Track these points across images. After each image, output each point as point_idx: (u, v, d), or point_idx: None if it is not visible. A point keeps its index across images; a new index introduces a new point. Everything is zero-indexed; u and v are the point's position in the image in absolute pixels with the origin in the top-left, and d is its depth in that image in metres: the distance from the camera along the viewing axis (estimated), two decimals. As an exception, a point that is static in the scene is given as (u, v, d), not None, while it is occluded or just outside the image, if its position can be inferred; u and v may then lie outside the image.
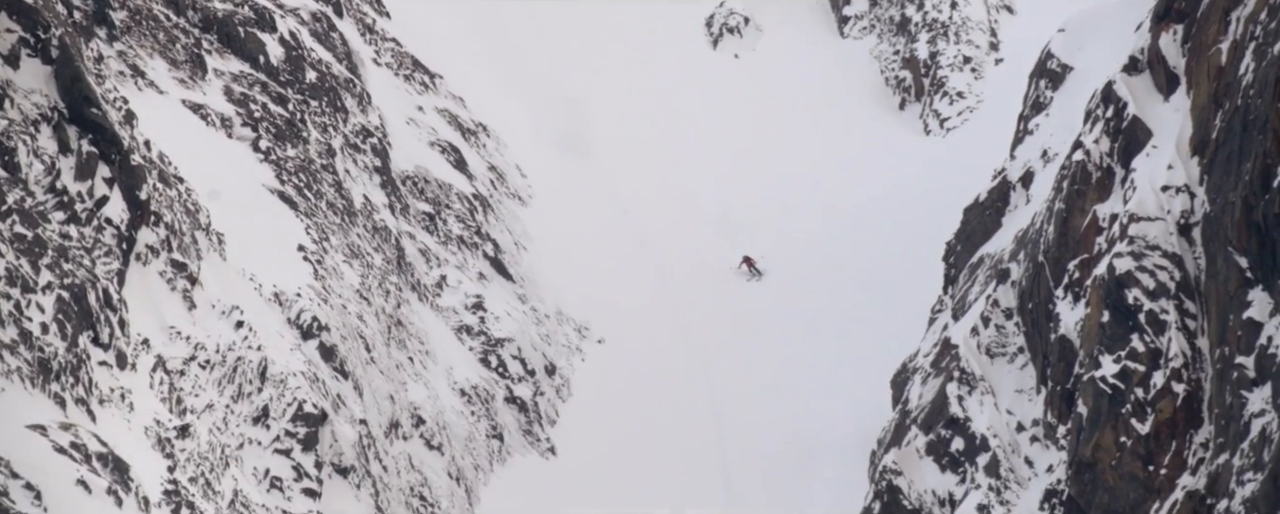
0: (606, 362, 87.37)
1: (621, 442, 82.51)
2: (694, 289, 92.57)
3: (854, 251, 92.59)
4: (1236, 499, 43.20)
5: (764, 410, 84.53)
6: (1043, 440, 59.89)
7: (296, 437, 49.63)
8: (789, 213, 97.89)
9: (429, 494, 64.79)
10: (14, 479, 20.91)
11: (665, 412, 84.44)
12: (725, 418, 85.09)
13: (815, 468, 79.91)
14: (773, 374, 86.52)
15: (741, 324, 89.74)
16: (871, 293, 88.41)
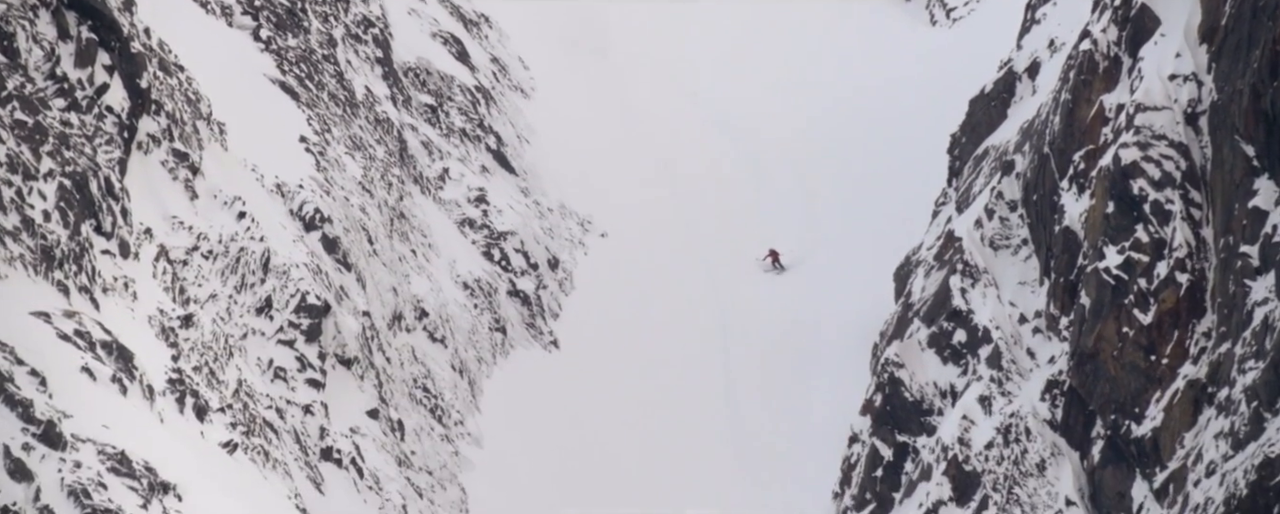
0: (609, 255, 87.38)
1: (624, 335, 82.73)
2: (697, 183, 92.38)
3: (857, 144, 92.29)
4: (1237, 387, 43.37)
5: (766, 304, 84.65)
6: (1045, 332, 60.02)
7: (300, 328, 49.72)
8: (793, 106, 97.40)
9: (432, 386, 65.07)
10: (18, 366, 20.91)
11: (667, 305, 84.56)
12: (727, 312, 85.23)
13: (817, 361, 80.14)
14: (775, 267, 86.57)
15: (744, 219, 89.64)
16: (875, 186, 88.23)
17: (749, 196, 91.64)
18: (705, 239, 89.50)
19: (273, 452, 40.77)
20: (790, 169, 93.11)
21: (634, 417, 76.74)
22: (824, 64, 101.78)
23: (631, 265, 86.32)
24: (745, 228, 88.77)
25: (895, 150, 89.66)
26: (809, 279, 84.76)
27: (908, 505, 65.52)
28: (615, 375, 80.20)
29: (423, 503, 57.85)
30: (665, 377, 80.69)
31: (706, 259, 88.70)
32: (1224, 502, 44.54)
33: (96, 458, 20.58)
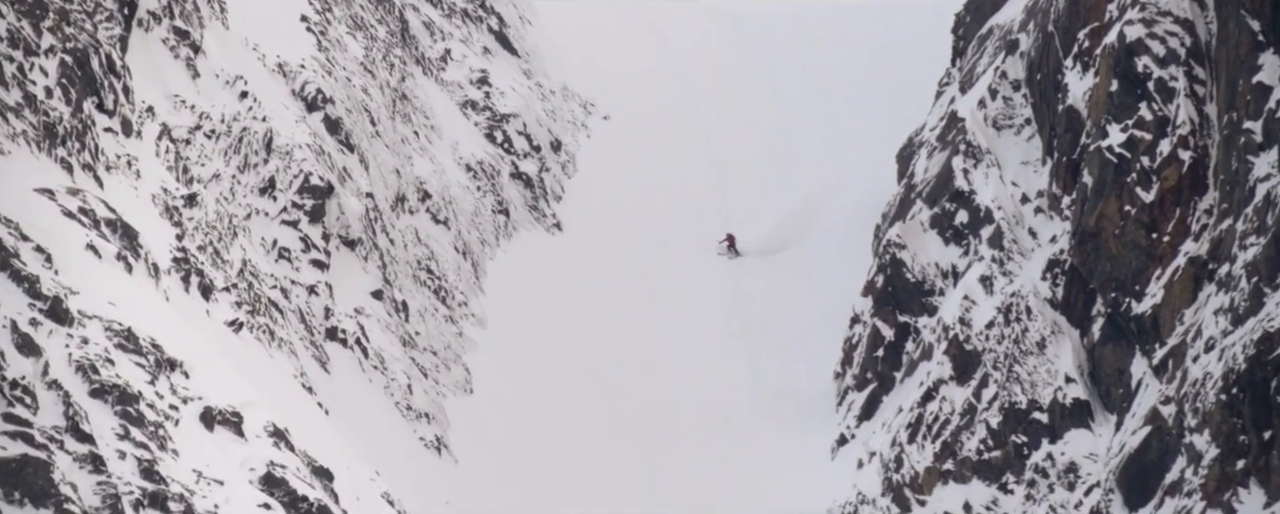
0: (612, 137, 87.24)
1: (626, 217, 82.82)
2: (699, 64, 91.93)
3: (861, 23, 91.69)
4: (1238, 263, 43.50)
5: (768, 187, 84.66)
6: (1047, 211, 60.07)
7: (303, 208, 49.82)
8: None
9: (436, 267, 65.29)
10: (24, 242, 20.97)
11: (670, 187, 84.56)
12: (730, 194, 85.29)
13: (819, 242, 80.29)
14: (778, 150, 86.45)
15: (747, 99, 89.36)
16: (878, 67, 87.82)
17: (752, 79, 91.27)
18: (708, 122, 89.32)
19: (278, 331, 41.04)
20: (793, 51, 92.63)
21: (636, 298, 77.05)
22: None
23: (635, 147, 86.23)
24: (748, 111, 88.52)
25: (899, 31, 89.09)
26: (812, 161, 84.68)
27: (908, 385, 65.97)
28: (617, 257, 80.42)
29: (427, 383, 58.31)
30: (667, 258, 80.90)
31: (709, 142, 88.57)
32: (1222, 376, 44.84)
33: (103, 334, 20.73)
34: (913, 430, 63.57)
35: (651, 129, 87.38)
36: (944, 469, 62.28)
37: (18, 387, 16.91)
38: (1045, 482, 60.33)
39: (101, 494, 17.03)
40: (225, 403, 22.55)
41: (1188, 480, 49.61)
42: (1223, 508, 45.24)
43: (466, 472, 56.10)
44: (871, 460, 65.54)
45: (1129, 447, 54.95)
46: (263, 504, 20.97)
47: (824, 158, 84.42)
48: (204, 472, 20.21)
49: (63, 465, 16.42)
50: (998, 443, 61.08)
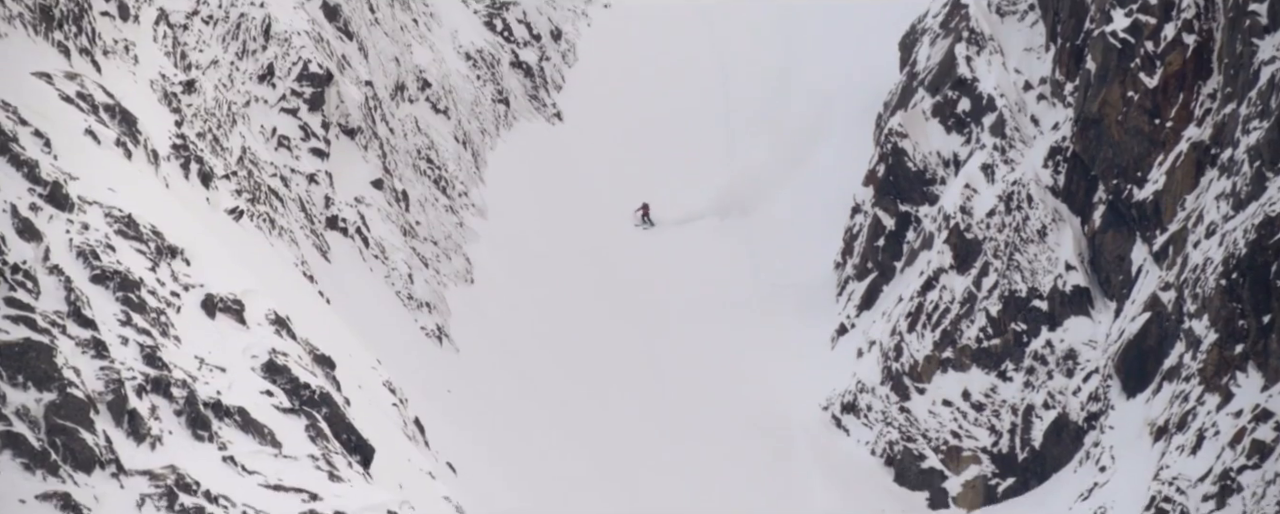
0: (612, 26, 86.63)
1: (627, 106, 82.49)
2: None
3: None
4: (1240, 147, 43.37)
5: (770, 73, 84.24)
6: (1049, 98, 59.84)
7: (302, 96, 49.58)
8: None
9: (436, 157, 65.12)
10: (22, 126, 20.82)
11: (671, 76, 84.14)
12: (731, 83, 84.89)
13: (820, 132, 80.00)
14: (779, 38, 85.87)
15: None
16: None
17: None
18: (709, 9, 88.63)
19: (278, 219, 41.00)
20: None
21: (636, 188, 76.96)
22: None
23: (635, 36, 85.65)
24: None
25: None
26: (813, 48, 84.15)
27: (908, 274, 66.07)
28: (618, 147, 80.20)
29: (428, 272, 58.39)
30: (668, 149, 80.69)
31: (710, 30, 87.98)
32: (1223, 261, 44.93)
33: (103, 220, 20.64)
34: (912, 319, 63.77)
35: (652, 17, 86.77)
36: (943, 357, 62.56)
37: (19, 271, 16.86)
38: (1044, 369, 60.63)
39: (104, 379, 17.06)
40: (226, 290, 22.50)
41: (1186, 366, 49.87)
42: (1220, 392, 45.51)
43: (467, 360, 56.35)
44: (871, 349, 65.83)
45: (1128, 333, 55.19)
46: (265, 391, 21.03)
47: (825, 45, 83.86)
48: (206, 358, 20.23)
49: (65, 350, 16.44)
50: (997, 331, 61.29)
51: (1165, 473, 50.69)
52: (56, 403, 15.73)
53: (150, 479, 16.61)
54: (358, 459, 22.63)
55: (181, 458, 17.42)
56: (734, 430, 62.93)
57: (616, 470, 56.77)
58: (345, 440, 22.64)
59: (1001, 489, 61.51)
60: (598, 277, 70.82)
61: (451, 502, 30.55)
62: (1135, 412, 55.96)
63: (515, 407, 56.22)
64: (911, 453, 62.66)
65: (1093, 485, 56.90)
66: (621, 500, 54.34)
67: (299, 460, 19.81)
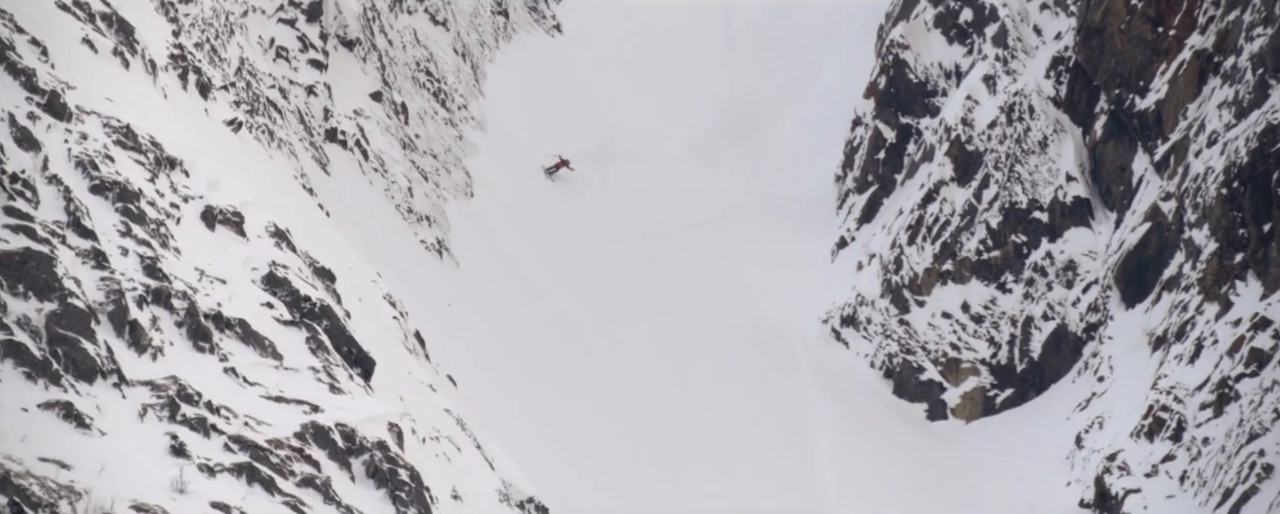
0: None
1: (625, 18, 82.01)
2: None
3: None
4: (1243, 55, 43.13)
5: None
6: (1052, 8, 59.46)
7: (300, 6, 49.21)
8: None
9: (435, 70, 64.76)
10: (19, 34, 20.61)
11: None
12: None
13: (821, 45, 79.64)
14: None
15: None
16: None
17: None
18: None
19: (277, 131, 40.81)
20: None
21: (635, 99, 76.70)
22: None
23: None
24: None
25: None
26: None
27: (909, 187, 66.01)
28: (617, 59, 79.82)
29: (427, 186, 58.26)
30: (667, 60, 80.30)
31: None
32: (1224, 170, 44.83)
33: (102, 130, 20.49)
34: (913, 232, 63.76)
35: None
36: (943, 270, 62.62)
37: (18, 180, 16.76)
38: (1043, 280, 60.70)
39: (105, 290, 17.02)
40: (226, 202, 22.39)
41: (1186, 275, 49.91)
42: (1219, 301, 45.57)
43: (467, 274, 56.37)
44: (871, 262, 65.93)
45: (1128, 243, 55.23)
46: (265, 303, 20.97)
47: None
48: (206, 270, 20.16)
49: (65, 260, 16.37)
50: (997, 243, 61.30)
51: (1163, 382, 50.92)
52: (57, 313, 15.67)
53: (152, 390, 16.61)
54: (358, 372, 22.65)
55: (183, 369, 17.41)
56: (734, 344, 63.15)
57: (616, 383, 57.00)
58: (346, 353, 22.65)
59: (1000, 400, 61.80)
60: (598, 190, 70.73)
61: (452, 414, 30.63)
62: (1134, 322, 56.13)
63: (515, 320, 56.33)
64: (910, 365, 62.90)
65: (1090, 396, 57.21)
66: (621, 413, 54.61)
67: (300, 373, 19.82)
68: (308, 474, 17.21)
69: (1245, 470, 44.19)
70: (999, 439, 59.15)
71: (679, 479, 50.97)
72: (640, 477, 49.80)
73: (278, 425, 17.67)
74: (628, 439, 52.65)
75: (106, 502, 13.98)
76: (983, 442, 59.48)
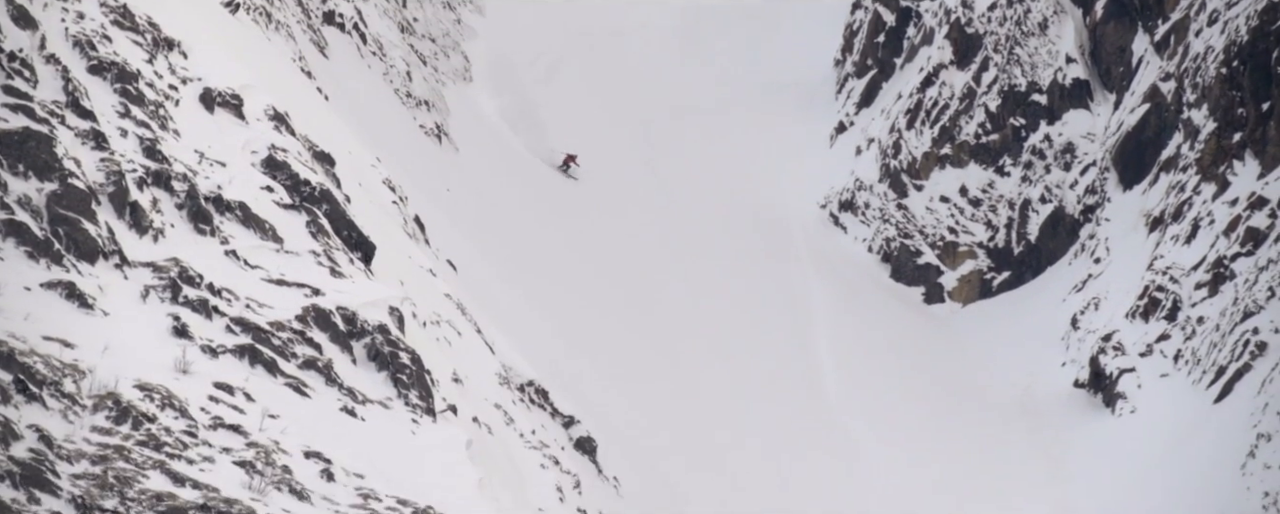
0: None
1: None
2: None
3: None
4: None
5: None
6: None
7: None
8: None
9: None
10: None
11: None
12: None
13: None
14: None
15: None
16: None
17: None
18: None
19: (275, 14, 40.49)
20: None
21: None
22: None
23: None
24: None
25: None
26: None
27: (908, 70, 65.77)
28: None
29: (426, 70, 58.03)
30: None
31: None
32: (1223, 49, 44.67)
33: (99, 10, 20.38)
34: (911, 116, 63.61)
35: None
36: (941, 154, 62.55)
37: (15, 59, 16.70)
38: (1042, 163, 60.67)
39: (105, 171, 17.04)
40: (224, 85, 22.32)
41: (1184, 156, 49.89)
42: (1217, 181, 45.61)
43: (466, 159, 56.29)
44: (869, 147, 65.84)
45: (1126, 124, 55.12)
46: (265, 187, 20.98)
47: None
48: (206, 153, 20.16)
49: (65, 140, 16.38)
50: (996, 126, 61.17)
51: (1159, 263, 51.10)
52: (58, 193, 15.71)
53: (154, 271, 16.69)
54: (359, 256, 22.73)
55: (184, 251, 17.49)
56: (732, 229, 63.26)
57: (615, 267, 57.17)
58: (346, 237, 22.71)
59: (996, 283, 62.04)
60: (596, 73, 70.45)
61: (452, 299, 30.78)
62: (1131, 203, 56.19)
63: (514, 205, 56.37)
64: (908, 249, 63.05)
65: (1087, 277, 57.45)
66: (620, 297, 54.81)
67: (300, 256, 19.89)
68: (310, 357, 17.36)
69: (1239, 348, 44.52)
70: (995, 322, 59.45)
71: (678, 363, 51.32)
72: (640, 361, 50.12)
73: (279, 308, 17.80)
74: (627, 324, 52.90)
75: (110, 381, 14.12)
76: (979, 324, 59.78)
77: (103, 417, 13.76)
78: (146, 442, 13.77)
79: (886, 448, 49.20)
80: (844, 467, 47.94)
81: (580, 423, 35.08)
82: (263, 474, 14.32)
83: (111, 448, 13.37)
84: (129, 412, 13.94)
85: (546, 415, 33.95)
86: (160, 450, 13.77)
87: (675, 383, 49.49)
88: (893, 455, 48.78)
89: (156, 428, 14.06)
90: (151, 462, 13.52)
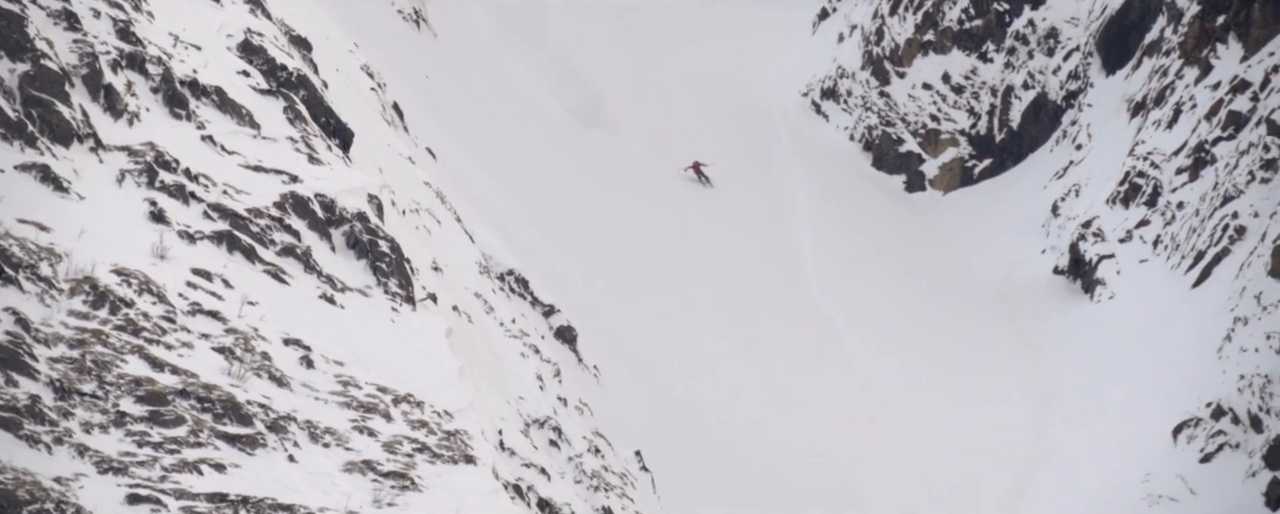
0: None
1: None
2: None
3: None
4: None
5: None
6: None
7: None
8: None
9: None
10: None
11: None
12: None
13: None
14: None
15: None
16: None
17: None
18: None
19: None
20: None
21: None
22: None
23: None
24: None
25: None
26: None
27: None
28: None
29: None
30: None
31: None
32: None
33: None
34: (894, 2, 63.16)
35: None
36: (924, 40, 62.22)
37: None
38: (1025, 48, 60.41)
39: (78, 52, 16.79)
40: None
41: (1167, 40, 49.72)
42: (1200, 65, 45.46)
43: (445, 46, 55.80)
44: (852, 34, 65.45)
45: (1110, 8, 54.86)
46: (241, 71, 20.76)
47: None
48: (180, 36, 19.88)
49: (36, 20, 16.10)
50: (979, 11, 60.80)
51: (1140, 148, 51.09)
52: (31, 74, 15.47)
53: (129, 155, 16.51)
54: (336, 143, 22.55)
55: (159, 135, 17.30)
56: (713, 117, 63.02)
57: (593, 156, 56.95)
58: (324, 124, 22.52)
59: (978, 171, 62.03)
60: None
61: (432, 187, 30.62)
62: (1114, 88, 56.08)
63: (493, 92, 55.98)
64: (890, 137, 62.92)
65: (1068, 164, 57.45)
66: (598, 187, 54.66)
67: (278, 142, 19.72)
68: (288, 244, 17.25)
69: (1218, 233, 44.64)
70: (976, 209, 59.52)
71: (659, 253, 51.31)
72: (620, 251, 50.09)
73: (257, 194, 17.65)
74: (608, 214, 52.81)
75: (87, 265, 14.02)
76: (960, 213, 59.84)
77: (80, 301, 13.69)
78: (124, 326, 13.71)
79: (867, 336, 49.40)
80: (823, 353, 48.15)
81: (560, 312, 35.10)
82: (242, 360, 14.29)
83: (89, 332, 13.31)
84: (106, 296, 13.86)
85: (526, 304, 33.95)
86: (138, 335, 13.72)
87: (658, 273, 49.52)
88: (873, 343, 48.98)
89: (134, 313, 13.99)
90: (130, 346, 13.47)
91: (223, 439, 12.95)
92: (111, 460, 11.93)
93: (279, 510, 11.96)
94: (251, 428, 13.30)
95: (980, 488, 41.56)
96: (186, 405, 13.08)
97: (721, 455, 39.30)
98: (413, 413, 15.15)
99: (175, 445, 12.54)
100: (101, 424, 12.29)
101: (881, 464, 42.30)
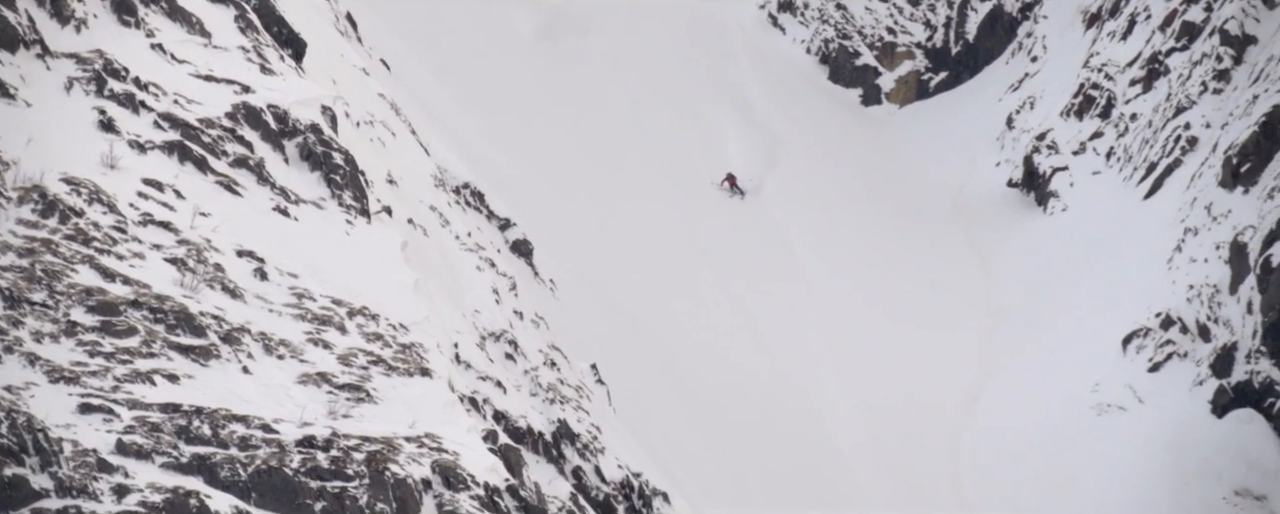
0: None
1: None
2: None
3: None
4: None
5: None
6: None
7: None
8: None
9: None
10: None
11: None
12: None
13: None
14: None
15: None
16: None
17: None
18: None
19: None
20: None
21: None
22: None
23: None
24: None
25: None
26: None
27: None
28: None
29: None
30: None
31: None
32: None
33: None
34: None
35: None
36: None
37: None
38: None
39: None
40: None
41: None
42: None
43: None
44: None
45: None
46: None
47: None
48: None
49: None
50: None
51: (1095, 59, 51.15)
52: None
53: (77, 63, 16.27)
54: (289, 53, 22.29)
55: (108, 43, 17.04)
56: (669, 30, 62.60)
57: (550, 72, 56.61)
58: (276, 34, 22.24)
59: (933, 84, 62.01)
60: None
61: (386, 99, 30.37)
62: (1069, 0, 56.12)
63: (449, 5, 55.46)
64: (846, 50, 62.76)
65: (1023, 76, 57.50)
66: (556, 102, 54.38)
67: (229, 52, 19.46)
68: (240, 155, 17.05)
69: (1170, 144, 44.82)
70: (931, 123, 59.55)
71: (616, 169, 51.18)
72: (577, 165, 49.94)
73: (208, 105, 17.43)
74: (564, 129, 52.58)
75: (35, 173, 13.83)
76: (915, 126, 59.86)
77: (29, 209, 13.51)
78: (74, 236, 13.55)
79: (822, 250, 49.51)
80: (779, 267, 48.26)
81: (516, 225, 34.99)
82: (194, 271, 14.15)
83: (39, 241, 13.15)
84: (56, 205, 13.69)
85: (482, 218, 33.82)
86: (89, 245, 13.56)
87: (612, 188, 49.40)
88: (828, 257, 49.10)
89: (84, 222, 13.82)
90: (80, 256, 13.32)
91: (176, 350, 12.85)
92: (63, 370, 11.83)
93: (233, 421, 11.89)
94: (205, 339, 13.20)
95: (934, 400, 41.89)
96: (139, 316, 12.97)
97: (677, 369, 39.44)
98: (368, 325, 15.08)
99: (128, 356, 12.43)
100: (52, 334, 12.18)
101: (836, 378, 42.56)
